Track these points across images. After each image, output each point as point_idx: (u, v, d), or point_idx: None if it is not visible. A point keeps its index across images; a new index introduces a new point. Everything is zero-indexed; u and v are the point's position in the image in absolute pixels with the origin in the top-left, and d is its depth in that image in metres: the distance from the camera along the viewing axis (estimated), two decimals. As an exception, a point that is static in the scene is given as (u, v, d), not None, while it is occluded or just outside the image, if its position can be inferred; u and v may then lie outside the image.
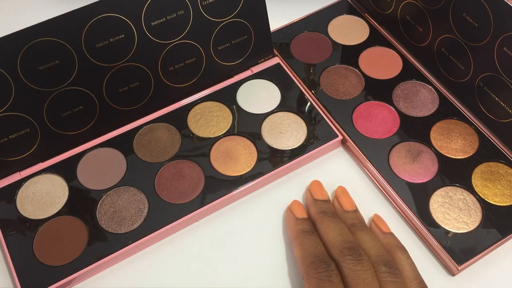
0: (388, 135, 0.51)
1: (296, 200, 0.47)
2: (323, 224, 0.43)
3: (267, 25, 0.54)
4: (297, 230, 0.43)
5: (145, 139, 0.51)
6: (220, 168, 0.49)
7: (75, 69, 0.46)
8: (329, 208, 0.46)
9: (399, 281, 0.39)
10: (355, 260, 0.39)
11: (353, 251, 0.39)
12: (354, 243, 0.41)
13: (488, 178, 0.48)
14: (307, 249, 0.41)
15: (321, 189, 0.47)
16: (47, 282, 0.43)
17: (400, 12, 0.57)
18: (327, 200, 0.47)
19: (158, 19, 0.48)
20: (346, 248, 0.40)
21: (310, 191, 0.47)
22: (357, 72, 0.56)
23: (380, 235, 0.44)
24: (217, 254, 0.46)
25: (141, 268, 0.45)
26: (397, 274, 0.39)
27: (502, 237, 0.45)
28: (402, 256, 0.42)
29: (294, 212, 0.45)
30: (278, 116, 0.53)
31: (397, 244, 0.43)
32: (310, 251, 0.41)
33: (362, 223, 0.45)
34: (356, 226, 0.44)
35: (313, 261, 0.40)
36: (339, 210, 0.46)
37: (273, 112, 0.53)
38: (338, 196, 0.47)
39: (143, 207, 0.47)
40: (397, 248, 0.42)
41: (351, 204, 0.46)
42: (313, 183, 0.48)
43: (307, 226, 0.44)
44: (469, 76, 0.51)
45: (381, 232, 0.45)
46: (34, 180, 0.49)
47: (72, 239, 0.45)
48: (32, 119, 0.47)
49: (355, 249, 0.40)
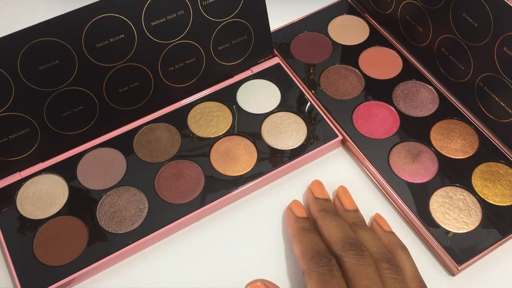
0: (388, 135, 0.51)
1: (296, 200, 0.47)
2: (325, 221, 0.43)
3: (267, 25, 0.54)
4: (297, 228, 0.43)
5: (145, 139, 0.51)
6: (220, 168, 0.49)
7: (75, 69, 0.46)
8: (330, 206, 0.46)
9: (400, 278, 0.39)
10: (358, 255, 0.39)
11: (355, 246, 0.40)
12: (356, 239, 0.41)
13: (488, 178, 0.48)
14: (307, 245, 0.41)
15: (322, 188, 0.47)
16: (47, 282, 0.43)
17: (400, 12, 0.57)
18: (327, 199, 0.47)
19: (158, 19, 0.48)
20: (348, 243, 0.40)
21: (311, 190, 0.47)
22: (357, 72, 0.56)
23: (381, 233, 0.44)
24: (217, 254, 0.46)
25: (141, 268, 0.45)
26: (399, 271, 0.40)
27: (502, 237, 0.45)
28: (403, 255, 0.42)
29: (294, 211, 0.46)
30: (278, 116, 0.53)
31: (398, 243, 0.43)
32: (311, 247, 0.41)
33: (363, 222, 0.45)
34: (357, 225, 0.44)
35: (314, 256, 0.40)
36: (340, 209, 0.46)
37: (273, 112, 0.53)
38: (339, 195, 0.47)
39: (143, 207, 0.47)
40: (398, 247, 0.42)
41: (352, 203, 0.46)
42: (314, 182, 0.48)
43: (307, 224, 0.44)
44: (469, 76, 0.51)
45: (383, 230, 0.45)
46: (34, 180, 0.49)
47: (72, 239, 0.45)
48: (32, 119, 0.47)
49: (357, 244, 0.40)
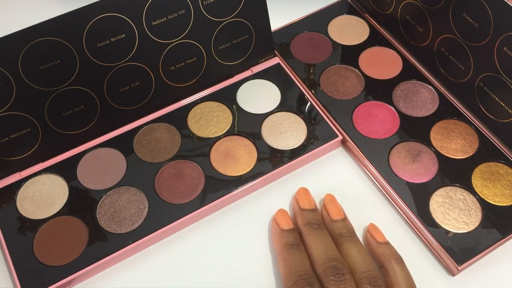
0: (388, 135, 0.52)
1: (281, 210, 0.46)
2: (309, 238, 0.42)
3: (268, 24, 0.54)
4: (282, 244, 0.42)
5: (145, 139, 0.51)
6: (220, 168, 0.49)
7: (76, 69, 0.46)
8: (316, 218, 0.44)
9: None
10: (338, 280, 0.39)
11: (336, 271, 0.39)
12: (338, 261, 0.40)
13: (488, 178, 0.48)
14: (291, 266, 0.40)
15: (308, 197, 0.46)
16: (47, 282, 0.43)
17: (400, 12, 0.57)
18: (314, 209, 0.46)
19: (159, 19, 0.48)
20: (329, 267, 0.39)
21: (296, 199, 0.46)
22: (357, 72, 0.56)
23: (374, 245, 0.44)
24: (217, 254, 0.46)
25: (141, 268, 0.45)
26: None
27: (502, 237, 0.45)
28: (397, 267, 0.41)
29: (280, 223, 0.44)
30: (278, 116, 0.53)
31: (393, 255, 0.42)
32: (294, 269, 0.40)
33: (351, 232, 0.43)
34: (343, 237, 0.43)
35: (297, 282, 0.39)
36: (327, 220, 0.45)
37: (273, 112, 0.53)
38: (326, 205, 0.46)
39: (143, 207, 0.47)
40: (392, 259, 0.41)
41: (339, 212, 0.45)
42: (299, 191, 0.47)
43: (292, 238, 0.43)
44: (469, 76, 0.51)
45: (376, 242, 0.44)
46: (34, 180, 0.48)
47: (72, 239, 0.45)
48: (33, 119, 0.47)
49: (339, 268, 0.39)
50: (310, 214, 0.45)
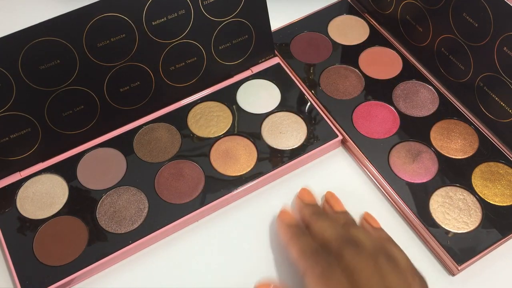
0: (388, 135, 0.52)
1: (284, 209, 0.46)
2: (318, 223, 0.43)
3: (268, 24, 0.54)
4: (291, 233, 0.43)
5: (145, 139, 0.51)
6: (220, 168, 0.49)
7: (76, 69, 0.46)
8: (320, 209, 0.46)
9: (398, 270, 0.39)
10: (356, 249, 0.39)
11: (352, 242, 0.40)
12: (351, 235, 0.41)
13: (488, 178, 0.48)
14: (304, 245, 0.41)
15: (311, 196, 0.47)
16: (47, 282, 0.43)
17: (400, 12, 0.57)
18: (317, 204, 0.47)
19: (159, 19, 0.48)
20: (345, 239, 0.40)
21: (300, 197, 0.47)
22: (357, 72, 0.56)
23: (371, 230, 0.45)
24: (217, 254, 0.46)
25: (141, 268, 0.45)
26: (396, 263, 0.40)
27: (502, 237, 0.45)
28: (394, 249, 0.42)
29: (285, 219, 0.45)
30: (278, 116, 0.53)
31: (388, 238, 0.43)
32: (307, 247, 0.41)
33: (354, 221, 0.45)
34: (348, 224, 0.44)
35: (313, 253, 0.40)
36: (330, 212, 0.46)
37: (273, 112, 0.53)
38: (328, 200, 0.47)
39: (143, 207, 0.47)
40: (388, 242, 0.43)
41: (341, 206, 0.46)
42: (302, 190, 0.48)
43: (299, 229, 0.44)
44: (469, 76, 0.51)
45: (372, 227, 0.45)
46: (34, 180, 0.48)
47: (72, 239, 0.45)
48: (33, 119, 0.47)
49: (354, 240, 0.40)
50: (315, 207, 0.46)
